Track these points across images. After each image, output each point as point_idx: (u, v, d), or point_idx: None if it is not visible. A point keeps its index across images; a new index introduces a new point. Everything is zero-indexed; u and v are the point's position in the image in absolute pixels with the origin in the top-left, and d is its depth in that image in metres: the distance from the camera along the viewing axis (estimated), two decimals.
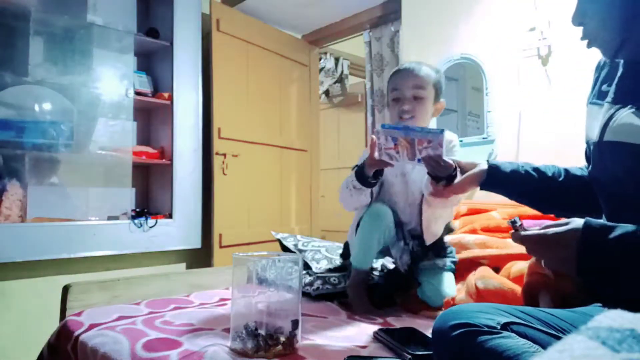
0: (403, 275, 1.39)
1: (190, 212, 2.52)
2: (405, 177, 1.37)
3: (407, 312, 1.34)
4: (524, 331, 0.71)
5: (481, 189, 1.02)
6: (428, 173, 1.07)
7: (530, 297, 1.06)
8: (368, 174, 1.22)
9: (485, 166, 1.01)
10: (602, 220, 0.76)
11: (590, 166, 0.89)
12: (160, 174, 2.56)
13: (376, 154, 1.13)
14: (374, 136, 1.12)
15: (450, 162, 1.02)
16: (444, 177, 1.03)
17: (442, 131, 0.99)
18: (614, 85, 0.84)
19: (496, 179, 0.99)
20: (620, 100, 0.80)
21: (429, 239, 1.36)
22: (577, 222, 0.71)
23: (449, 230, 1.47)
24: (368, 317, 1.26)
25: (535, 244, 0.75)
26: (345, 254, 1.54)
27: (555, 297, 1.00)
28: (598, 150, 0.84)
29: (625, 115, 0.77)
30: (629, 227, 0.68)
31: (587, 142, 0.91)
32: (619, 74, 0.84)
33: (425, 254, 1.38)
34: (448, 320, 0.72)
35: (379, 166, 1.19)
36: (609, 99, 0.83)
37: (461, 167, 1.04)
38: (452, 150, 1.31)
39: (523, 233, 0.76)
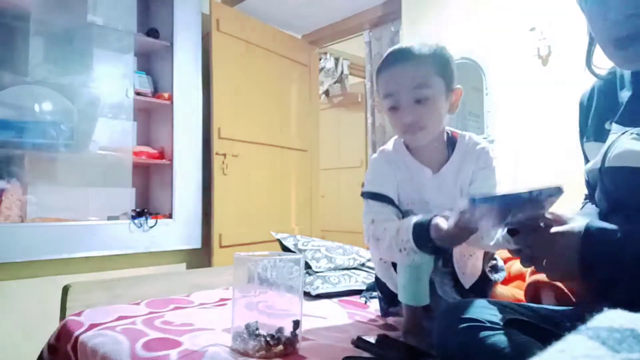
0: None
1: (190, 212, 2.52)
2: (428, 205, 1.02)
3: None
4: (527, 328, 0.71)
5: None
6: (509, 232, 0.75)
7: (534, 295, 1.06)
8: (441, 246, 0.85)
9: (583, 223, 0.71)
10: (602, 223, 0.72)
11: (596, 192, 0.84)
12: (160, 174, 2.56)
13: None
14: (453, 216, 0.78)
15: (550, 218, 0.72)
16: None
17: (560, 190, 0.67)
18: (618, 116, 0.80)
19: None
20: (626, 126, 0.77)
21: (467, 281, 1.03)
22: (579, 224, 0.68)
23: (491, 257, 1.12)
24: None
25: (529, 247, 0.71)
26: (384, 299, 1.19)
27: (560, 295, 1.00)
28: (600, 177, 0.81)
29: (626, 141, 0.75)
30: (628, 229, 0.66)
31: (587, 173, 0.87)
32: (628, 95, 0.80)
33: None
34: (454, 314, 0.75)
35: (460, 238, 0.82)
36: (614, 131, 0.79)
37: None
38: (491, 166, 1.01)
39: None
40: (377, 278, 1.17)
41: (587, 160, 0.89)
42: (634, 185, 0.74)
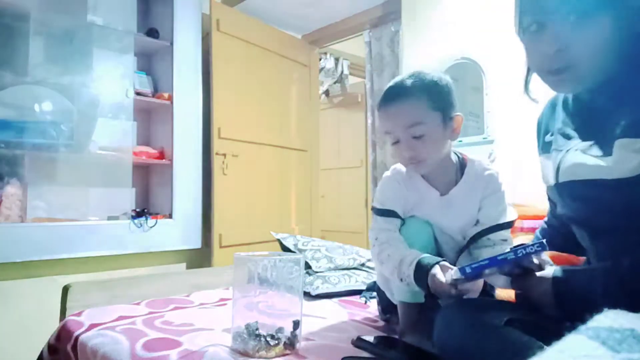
0: None
1: (190, 212, 2.52)
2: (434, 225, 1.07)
3: None
4: (527, 328, 0.72)
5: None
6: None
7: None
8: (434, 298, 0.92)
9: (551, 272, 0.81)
10: (566, 267, 0.81)
11: (556, 206, 0.92)
12: (160, 174, 2.56)
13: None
14: (446, 281, 0.84)
15: (537, 263, 0.81)
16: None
17: (542, 246, 0.75)
18: (557, 130, 0.89)
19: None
20: (567, 143, 0.84)
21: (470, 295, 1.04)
22: (550, 270, 0.79)
23: None
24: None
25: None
26: (384, 309, 1.21)
27: None
28: (557, 192, 0.86)
29: (572, 155, 0.81)
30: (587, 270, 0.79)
31: (547, 187, 0.94)
32: (561, 118, 0.88)
33: None
34: (455, 313, 0.77)
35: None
36: (555, 146, 0.87)
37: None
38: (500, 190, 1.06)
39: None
40: (378, 286, 1.19)
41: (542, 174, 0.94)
42: (586, 196, 0.79)
